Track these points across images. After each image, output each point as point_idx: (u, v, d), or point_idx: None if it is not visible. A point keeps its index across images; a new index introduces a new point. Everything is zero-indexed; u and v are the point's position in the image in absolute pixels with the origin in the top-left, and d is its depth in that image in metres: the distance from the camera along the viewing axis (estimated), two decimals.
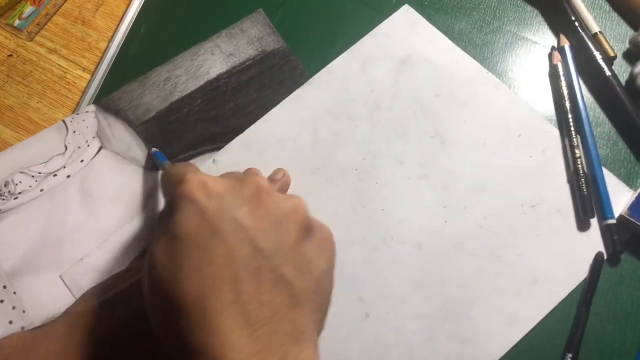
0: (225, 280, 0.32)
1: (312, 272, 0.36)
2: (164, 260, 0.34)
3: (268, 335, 0.32)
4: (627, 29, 0.62)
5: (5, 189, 0.55)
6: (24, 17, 0.62)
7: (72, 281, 0.52)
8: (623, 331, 0.51)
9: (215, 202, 0.35)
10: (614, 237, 0.52)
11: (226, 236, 0.33)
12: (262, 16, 0.62)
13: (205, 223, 0.34)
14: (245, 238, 0.34)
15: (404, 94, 0.58)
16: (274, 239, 0.35)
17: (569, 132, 0.56)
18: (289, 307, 0.34)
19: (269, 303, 0.33)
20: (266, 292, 0.33)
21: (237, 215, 0.34)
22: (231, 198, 0.35)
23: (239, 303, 0.32)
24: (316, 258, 0.37)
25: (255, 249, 0.34)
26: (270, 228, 0.35)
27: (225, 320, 0.31)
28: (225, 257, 0.33)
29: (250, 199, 0.36)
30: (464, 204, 0.54)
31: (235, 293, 0.32)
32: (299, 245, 0.36)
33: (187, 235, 0.33)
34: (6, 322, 0.50)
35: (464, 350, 0.50)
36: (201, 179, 0.36)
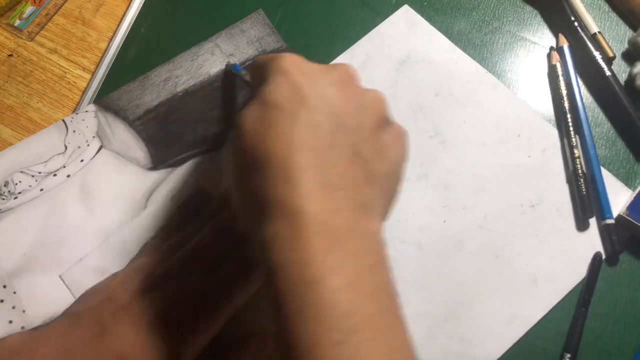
0: (311, 146, 0.34)
1: (387, 157, 0.38)
2: (255, 120, 0.35)
3: (345, 199, 0.34)
4: (626, 30, 0.62)
5: (5, 189, 0.55)
6: (25, 17, 0.62)
7: (72, 281, 0.52)
8: (621, 331, 0.51)
9: (308, 78, 0.37)
10: (613, 237, 0.52)
11: (314, 108, 0.35)
12: (262, 16, 0.62)
13: (297, 94, 0.35)
14: (332, 113, 0.35)
15: (403, 93, 0.59)
16: (356, 119, 0.36)
17: (568, 132, 0.56)
18: (363, 182, 0.35)
19: (346, 174, 0.35)
20: (345, 164, 0.35)
21: (326, 92, 0.36)
22: (322, 77, 0.37)
23: (321, 167, 0.34)
24: (392, 146, 0.39)
25: (339, 124, 0.35)
26: (354, 109, 0.37)
27: (308, 177, 0.33)
28: (312, 126, 0.35)
29: (339, 81, 0.37)
30: (464, 203, 0.55)
31: (318, 158, 0.34)
32: (377, 131, 0.38)
33: (279, 102, 0.35)
34: (6, 321, 0.50)
35: (464, 350, 0.50)
36: (296, 57, 0.38)
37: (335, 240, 0.33)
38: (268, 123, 0.35)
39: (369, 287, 0.33)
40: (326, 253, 0.32)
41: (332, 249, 0.32)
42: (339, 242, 0.33)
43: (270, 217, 0.33)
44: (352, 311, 0.31)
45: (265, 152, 0.34)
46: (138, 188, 0.55)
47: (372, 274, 0.33)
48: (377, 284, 0.33)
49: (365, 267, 0.33)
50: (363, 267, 0.33)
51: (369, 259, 0.34)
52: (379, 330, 0.32)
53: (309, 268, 0.32)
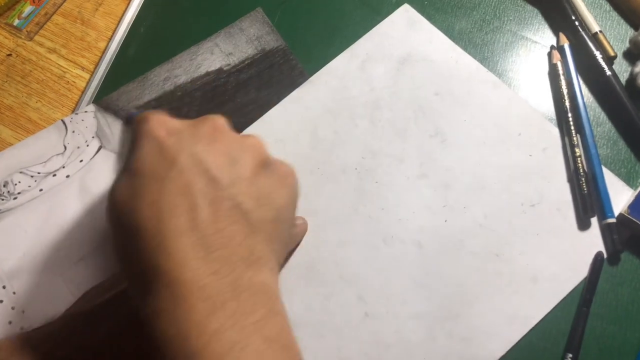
0: (183, 209, 0.33)
1: (271, 204, 0.37)
2: (124, 192, 0.35)
3: (223, 258, 0.33)
4: (628, 29, 0.62)
5: (5, 189, 0.55)
6: (24, 17, 0.62)
7: (71, 281, 0.52)
8: (623, 331, 0.51)
9: (174, 138, 0.36)
10: (614, 236, 0.52)
11: (183, 169, 0.35)
12: (261, 15, 0.62)
13: (163, 157, 0.35)
14: (202, 171, 0.35)
15: (403, 93, 0.58)
16: (230, 171, 0.36)
17: (569, 131, 0.56)
18: (245, 235, 0.35)
19: (225, 230, 0.34)
20: (222, 220, 0.34)
21: (194, 150, 0.36)
22: (189, 135, 0.37)
23: (196, 229, 0.33)
24: (275, 191, 0.38)
25: (211, 180, 0.35)
26: (227, 162, 0.36)
27: (182, 244, 0.33)
28: (182, 188, 0.34)
29: (208, 135, 0.37)
30: (464, 202, 0.54)
31: (192, 220, 0.33)
32: (256, 179, 0.37)
33: (146, 168, 0.35)
34: (6, 322, 0.50)
35: (464, 350, 0.50)
36: (161, 117, 0.38)
37: (216, 303, 0.32)
38: (136, 193, 0.34)
39: (256, 345, 0.32)
40: (207, 320, 0.31)
41: (213, 313, 0.32)
42: (220, 304, 0.32)
43: (150, 290, 0.33)
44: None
45: (137, 223, 0.34)
46: None
47: (259, 330, 0.33)
48: (265, 339, 0.33)
49: (250, 324, 0.32)
50: (248, 325, 0.32)
51: (255, 315, 0.33)
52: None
53: (190, 340, 0.31)
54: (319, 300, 0.51)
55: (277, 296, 0.35)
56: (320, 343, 0.50)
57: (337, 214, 0.54)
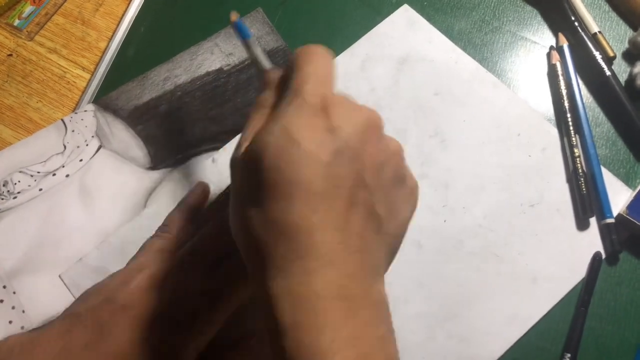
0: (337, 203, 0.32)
1: (397, 216, 0.36)
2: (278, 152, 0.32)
3: (360, 262, 0.32)
4: (627, 29, 0.62)
5: (4, 189, 0.55)
6: (24, 17, 0.62)
7: (71, 281, 0.52)
8: (622, 331, 0.51)
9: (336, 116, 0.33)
10: (613, 237, 0.52)
11: (339, 160, 0.32)
12: (261, 15, 0.62)
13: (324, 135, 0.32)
14: (356, 169, 0.33)
15: (403, 93, 0.58)
16: (377, 177, 0.34)
17: (568, 132, 0.56)
18: (376, 244, 0.34)
19: (362, 235, 0.32)
20: (362, 225, 0.33)
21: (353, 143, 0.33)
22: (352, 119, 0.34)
23: (341, 228, 0.31)
24: (403, 204, 0.37)
25: (360, 181, 0.33)
26: (376, 166, 0.34)
27: (327, 234, 0.31)
28: (335, 180, 0.32)
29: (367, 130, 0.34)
30: (464, 203, 0.54)
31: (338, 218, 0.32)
32: (392, 189, 0.35)
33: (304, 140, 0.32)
34: (6, 321, 0.50)
35: (463, 350, 0.50)
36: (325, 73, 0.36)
37: (352, 307, 0.31)
38: (291, 161, 0.32)
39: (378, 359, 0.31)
40: (343, 321, 0.30)
41: (349, 317, 0.30)
42: (355, 309, 0.31)
43: (283, 271, 0.31)
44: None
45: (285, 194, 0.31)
46: (137, 188, 0.55)
47: (383, 347, 0.32)
48: (386, 356, 0.32)
49: (378, 339, 0.31)
50: (376, 339, 0.31)
51: (381, 329, 0.32)
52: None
53: (324, 336, 0.30)
54: None
55: (390, 314, 0.34)
56: None
57: None
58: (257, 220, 0.32)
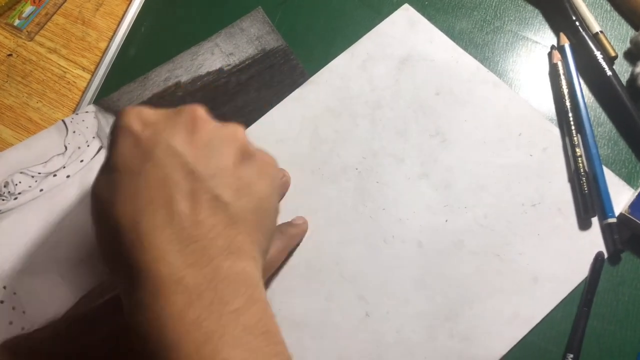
0: (160, 203, 0.34)
1: (251, 194, 0.37)
2: (103, 188, 0.35)
3: (201, 250, 0.33)
4: (628, 29, 0.62)
5: (5, 190, 0.55)
6: (24, 17, 0.62)
7: (72, 282, 0.52)
8: (624, 332, 0.51)
9: (150, 130, 0.36)
10: (615, 236, 0.52)
11: (160, 161, 0.34)
12: (262, 14, 0.62)
13: (139, 150, 0.35)
14: (180, 163, 0.35)
15: (404, 93, 0.58)
16: (209, 163, 0.36)
17: (569, 131, 0.56)
18: (224, 225, 0.35)
19: (203, 222, 0.34)
20: (201, 213, 0.34)
21: (171, 142, 0.35)
22: (166, 126, 0.36)
23: (173, 223, 0.33)
24: (256, 181, 0.38)
25: (189, 173, 0.35)
26: (205, 153, 0.36)
27: (158, 238, 0.33)
28: (159, 181, 0.34)
29: (186, 126, 0.37)
30: (465, 202, 0.54)
31: (169, 214, 0.33)
32: (236, 169, 0.37)
33: (122, 163, 0.35)
34: (6, 322, 0.50)
35: (465, 350, 0.50)
36: (138, 109, 0.38)
37: (193, 295, 0.32)
38: (114, 188, 0.35)
39: (235, 333, 0.32)
40: (185, 311, 0.32)
41: (190, 305, 0.32)
42: (197, 295, 0.32)
43: (132, 284, 0.33)
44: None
45: (115, 220, 0.34)
46: None
47: (237, 318, 0.33)
48: (244, 327, 0.33)
49: (228, 313, 0.33)
50: (226, 314, 0.33)
51: (234, 304, 0.33)
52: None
53: (167, 332, 0.32)
54: (320, 300, 0.51)
55: (257, 284, 0.35)
56: (320, 343, 0.50)
57: (337, 214, 0.54)
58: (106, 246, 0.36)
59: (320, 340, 0.50)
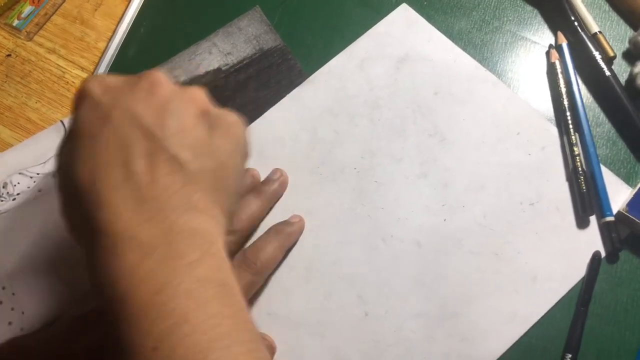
0: (116, 164, 0.34)
1: (211, 154, 0.37)
2: (65, 154, 0.36)
3: (156, 207, 0.34)
4: (627, 29, 0.62)
5: (4, 190, 0.55)
6: (23, 17, 0.62)
7: (71, 282, 0.52)
8: (622, 332, 0.51)
9: (110, 95, 0.36)
10: (613, 235, 0.52)
11: (117, 124, 0.35)
12: (259, 13, 0.62)
13: (98, 114, 0.36)
14: (137, 124, 0.35)
15: (402, 92, 0.58)
16: (166, 124, 0.36)
17: (567, 130, 0.56)
18: (181, 184, 0.35)
19: (159, 181, 0.35)
20: (157, 172, 0.35)
21: (129, 105, 0.36)
22: (126, 90, 0.37)
23: (129, 182, 0.34)
24: (217, 141, 0.38)
25: (147, 134, 0.35)
26: (164, 115, 0.36)
27: (114, 197, 0.33)
28: (116, 143, 0.35)
29: (146, 90, 0.37)
30: (463, 202, 0.54)
31: (125, 174, 0.34)
32: (195, 129, 0.37)
33: (82, 128, 0.35)
34: (5, 323, 0.50)
35: (463, 349, 0.50)
36: (100, 77, 0.38)
37: (146, 250, 0.33)
38: (73, 153, 0.35)
39: (188, 285, 0.33)
40: (138, 265, 0.32)
41: (143, 259, 0.33)
42: (150, 251, 0.33)
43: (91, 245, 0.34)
44: (166, 313, 0.32)
45: (75, 182, 0.34)
46: None
47: (192, 271, 0.33)
48: (198, 279, 0.33)
49: (182, 266, 0.33)
50: (179, 267, 0.33)
51: (188, 257, 0.34)
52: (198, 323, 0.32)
53: (120, 284, 0.32)
54: (319, 299, 0.51)
55: (214, 240, 0.35)
56: (320, 343, 0.50)
57: (336, 214, 0.54)
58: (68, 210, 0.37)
59: (319, 339, 0.50)
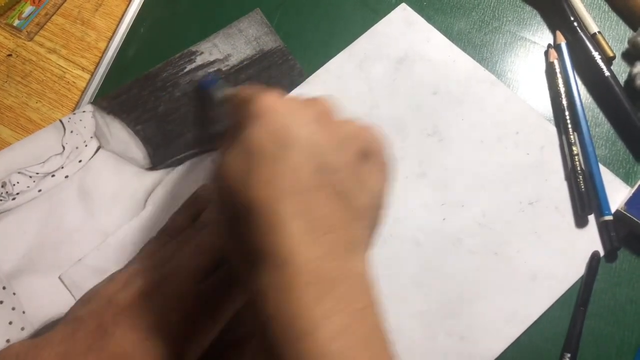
0: (295, 191, 0.34)
1: (370, 191, 0.37)
2: (237, 168, 0.35)
3: (331, 242, 0.34)
4: (626, 29, 0.62)
5: (3, 190, 0.55)
6: (24, 17, 0.62)
7: (71, 282, 0.52)
8: (621, 331, 0.51)
9: (288, 118, 0.36)
10: (611, 234, 0.52)
11: (296, 150, 0.35)
12: (260, 15, 0.62)
13: (277, 137, 0.35)
14: (314, 153, 0.35)
15: (401, 92, 0.59)
16: (338, 157, 0.36)
17: (566, 130, 0.56)
18: (347, 221, 0.35)
19: (331, 216, 0.34)
20: (329, 206, 0.34)
21: (307, 132, 0.36)
22: (302, 115, 0.37)
23: (306, 212, 0.33)
24: (373, 179, 0.38)
25: (321, 164, 0.35)
26: (336, 147, 0.36)
27: (294, 226, 0.33)
28: (295, 170, 0.34)
29: (318, 118, 0.37)
30: (463, 201, 0.54)
31: (302, 203, 0.34)
32: (358, 166, 0.37)
33: (259, 146, 0.35)
34: (6, 322, 0.50)
35: (463, 348, 0.50)
36: (274, 96, 0.38)
37: (325, 288, 0.33)
38: (250, 170, 0.35)
39: (362, 332, 0.33)
40: (316, 302, 0.32)
41: (322, 297, 0.32)
42: (329, 289, 0.33)
43: (260, 267, 0.34)
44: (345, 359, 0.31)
45: (250, 202, 0.34)
46: (137, 188, 0.55)
47: (364, 317, 0.33)
48: (369, 327, 0.33)
49: (356, 311, 0.33)
50: (354, 312, 0.33)
51: (360, 303, 0.33)
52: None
53: (300, 319, 0.32)
54: None
55: (373, 286, 0.35)
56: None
57: None
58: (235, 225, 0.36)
59: None
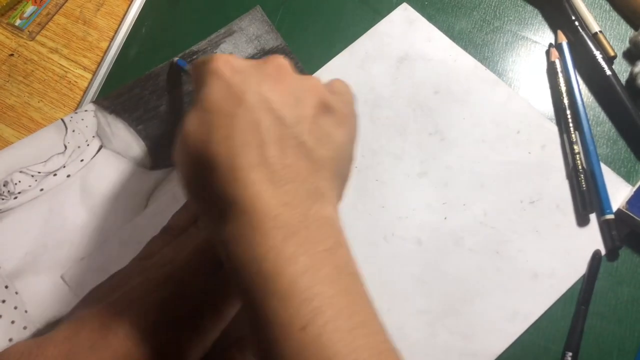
0: (252, 144, 0.35)
1: (331, 142, 0.39)
2: (196, 127, 0.37)
3: (292, 191, 0.35)
4: (627, 29, 0.62)
5: (5, 189, 0.55)
6: (25, 17, 0.62)
7: (73, 281, 0.52)
8: (623, 330, 0.51)
9: (240, 76, 0.38)
10: (613, 232, 0.52)
11: (251, 106, 0.36)
12: (260, 13, 0.62)
13: (231, 94, 0.37)
14: (268, 108, 0.36)
15: (403, 91, 0.59)
16: (294, 111, 0.37)
17: (567, 129, 0.56)
18: (309, 171, 0.36)
19: (292, 166, 0.36)
20: (289, 157, 0.36)
21: (260, 89, 0.37)
22: (256, 73, 0.38)
23: (265, 164, 0.35)
24: (336, 130, 0.39)
25: (277, 118, 0.36)
26: (291, 101, 0.37)
27: (255, 176, 0.35)
28: (251, 124, 0.36)
29: (273, 75, 0.38)
30: (464, 200, 0.55)
31: (261, 156, 0.35)
32: (317, 119, 0.38)
33: (215, 105, 0.37)
34: (9, 322, 0.50)
35: (465, 346, 0.50)
36: (227, 57, 0.39)
37: (288, 232, 0.34)
38: (209, 128, 0.36)
39: (327, 271, 0.34)
40: (282, 245, 0.33)
41: (287, 240, 0.34)
42: (292, 233, 0.34)
43: (225, 218, 0.35)
44: (312, 296, 0.33)
45: (210, 158, 0.35)
46: (139, 187, 0.55)
47: (329, 257, 0.34)
48: (335, 266, 0.34)
49: (321, 252, 0.34)
50: (319, 252, 0.34)
51: (324, 244, 0.35)
52: (340, 310, 0.33)
53: (267, 262, 0.33)
54: None
55: (340, 230, 0.37)
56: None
57: None
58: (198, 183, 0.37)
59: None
